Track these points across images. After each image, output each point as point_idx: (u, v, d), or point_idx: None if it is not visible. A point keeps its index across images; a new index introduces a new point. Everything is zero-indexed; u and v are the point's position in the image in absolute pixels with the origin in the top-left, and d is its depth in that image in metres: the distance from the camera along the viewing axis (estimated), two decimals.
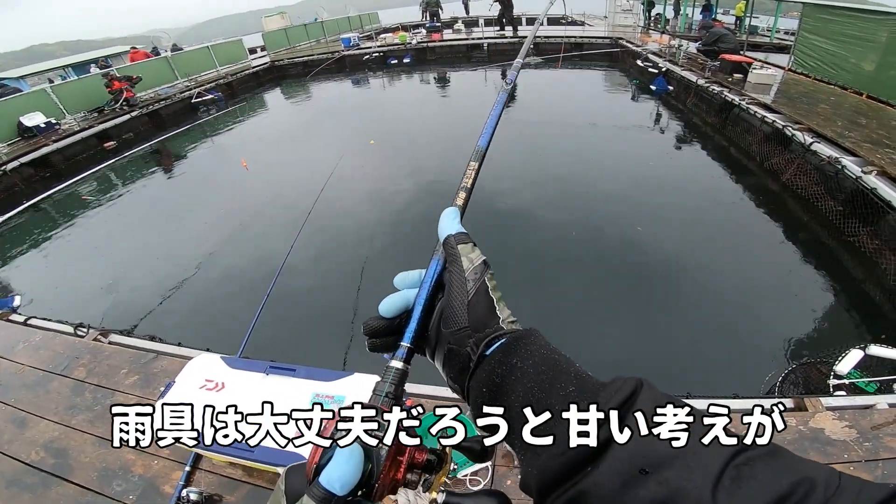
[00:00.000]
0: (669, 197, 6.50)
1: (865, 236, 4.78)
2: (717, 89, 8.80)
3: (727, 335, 3.99)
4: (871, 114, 6.94)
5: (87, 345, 3.54)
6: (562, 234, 5.64)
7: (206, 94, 14.16)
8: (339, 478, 0.34)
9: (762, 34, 17.41)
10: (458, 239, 0.48)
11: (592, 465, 0.31)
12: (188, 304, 4.99)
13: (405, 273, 0.50)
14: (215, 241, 6.14)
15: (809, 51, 9.69)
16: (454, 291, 0.44)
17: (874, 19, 7.91)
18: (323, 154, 8.94)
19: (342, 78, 17.17)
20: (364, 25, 26.63)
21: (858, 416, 2.38)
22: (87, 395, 3.08)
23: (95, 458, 2.63)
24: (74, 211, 7.99)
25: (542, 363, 0.37)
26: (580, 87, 14.22)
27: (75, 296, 5.36)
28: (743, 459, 0.29)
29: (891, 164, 4.88)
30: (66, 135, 10.52)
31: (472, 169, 0.55)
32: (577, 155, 8.14)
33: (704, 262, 5.01)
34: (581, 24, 21.93)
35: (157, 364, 3.21)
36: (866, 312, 4.27)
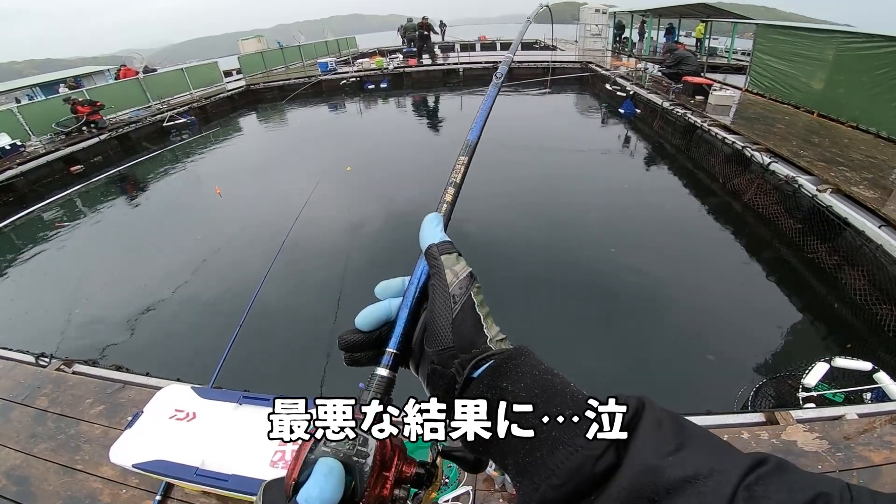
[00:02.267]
0: (639, 219, 6.69)
1: (825, 253, 5.01)
2: (680, 111, 9.20)
3: (698, 352, 4.08)
4: (822, 132, 7.37)
5: (50, 374, 3.40)
6: (533, 257, 5.71)
7: (178, 117, 13.97)
8: (319, 497, 0.31)
9: (720, 55, 18.40)
10: (440, 249, 0.44)
11: (596, 494, 0.29)
12: (158, 333, 4.84)
13: (387, 281, 0.47)
14: (186, 270, 5.99)
15: (764, 71, 10.24)
16: (437, 308, 0.41)
17: (821, 38, 8.42)
18: (298, 180, 8.91)
19: (318, 102, 17.25)
20: (342, 49, 26.97)
21: (829, 427, 2.45)
22: (50, 425, 2.97)
23: (60, 487, 2.53)
24: (38, 237, 7.70)
25: (535, 385, 0.35)
26: (551, 111, 14.61)
27: (37, 325, 5.13)
28: (753, 479, 0.27)
29: (844, 181, 5.17)
30: (31, 157, 10.19)
31: (462, 164, 0.52)
32: (549, 179, 8.33)
33: (673, 282, 5.13)
34: (553, 48, 22.72)
35: (123, 394, 3.10)
36: (830, 325, 4.45)
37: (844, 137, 7.08)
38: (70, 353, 3.99)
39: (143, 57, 16.15)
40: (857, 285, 4.48)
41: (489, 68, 18.38)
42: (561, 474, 0.30)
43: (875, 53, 7.20)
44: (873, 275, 4.34)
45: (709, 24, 17.33)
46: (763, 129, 7.42)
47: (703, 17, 17.06)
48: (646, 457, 0.29)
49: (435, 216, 0.48)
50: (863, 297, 4.37)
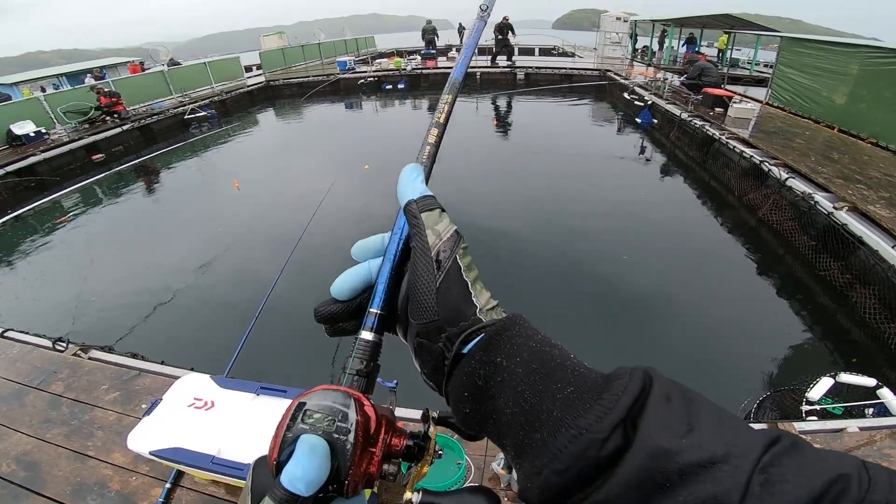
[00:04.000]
0: (652, 229, 6.67)
1: (837, 271, 4.96)
2: (699, 123, 9.13)
3: (705, 363, 4.08)
4: (843, 148, 7.27)
5: (66, 359, 3.47)
6: (546, 262, 5.73)
7: (199, 110, 14.21)
8: (303, 477, 0.30)
9: (742, 67, 18.18)
10: (421, 205, 0.40)
11: (603, 479, 0.27)
12: (173, 322, 4.94)
13: (364, 241, 0.44)
14: (202, 261, 6.11)
15: (786, 84, 10.13)
16: (419, 275, 0.37)
17: (846, 52, 8.31)
18: (316, 177, 9.05)
19: (336, 101, 17.39)
20: (360, 49, 27.18)
21: (830, 439, 2.45)
22: (64, 410, 3.02)
23: (70, 473, 2.57)
24: (58, 224, 7.90)
25: (532, 360, 0.33)
26: (568, 118, 14.59)
27: (55, 310, 5.26)
28: (768, 459, 0.26)
29: (861, 200, 5.12)
30: (55, 145, 10.47)
31: (446, 103, 0.48)
32: (564, 185, 8.34)
33: (685, 292, 5.13)
34: (572, 55, 22.67)
35: (139, 381, 3.17)
36: (838, 342, 4.41)
37: (864, 154, 6.98)
38: (86, 339, 4.10)
39: (167, 50, 16.46)
40: (867, 304, 4.44)
41: (507, 73, 18.41)
42: (564, 458, 0.28)
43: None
44: (884, 294, 4.29)
45: (732, 35, 17.15)
46: (782, 144, 7.35)
47: (726, 29, 16.87)
48: (656, 439, 0.27)
49: (414, 167, 0.44)
50: (872, 316, 4.33)
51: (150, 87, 14.57)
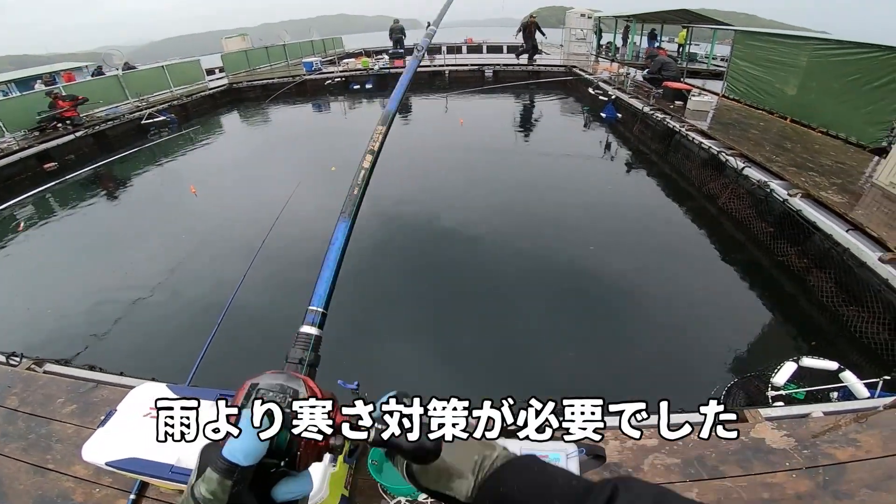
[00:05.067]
0: (618, 221, 6.79)
1: (794, 256, 5.15)
2: (660, 116, 9.36)
3: (672, 352, 4.17)
4: (795, 138, 7.57)
5: (20, 374, 3.34)
6: (514, 258, 5.76)
7: (157, 115, 13.71)
8: (242, 448, 0.32)
9: (700, 61, 18.75)
10: None
11: None
12: (132, 333, 4.76)
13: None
14: (160, 270, 5.90)
15: (740, 77, 10.48)
16: None
17: (795, 44, 8.65)
18: (280, 179, 8.84)
19: (302, 102, 17.09)
20: (328, 49, 26.78)
21: (796, 424, 2.50)
22: (21, 424, 2.92)
23: (30, 486, 2.49)
24: (7, 235, 7.50)
25: None
26: (536, 115, 14.73)
27: (5, 324, 5.01)
28: None
29: (814, 186, 5.33)
30: (3, 154, 9.97)
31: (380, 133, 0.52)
32: (530, 181, 8.41)
33: (648, 283, 5.22)
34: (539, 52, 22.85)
35: (97, 393, 3.06)
36: (799, 326, 4.57)
37: (816, 143, 7.29)
38: (41, 353, 3.89)
39: (122, 54, 15.81)
40: (824, 287, 4.61)
41: (475, 71, 18.48)
42: None
43: (846, 60, 7.45)
44: (840, 278, 4.47)
45: (690, 29, 17.65)
46: (738, 135, 7.59)
47: (684, 23, 17.36)
48: None
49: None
50: (830, 299, 4.50)
51: (105, 92, 13.94)
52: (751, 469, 2.24)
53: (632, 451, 2.34)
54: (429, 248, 6.03)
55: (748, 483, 2.18)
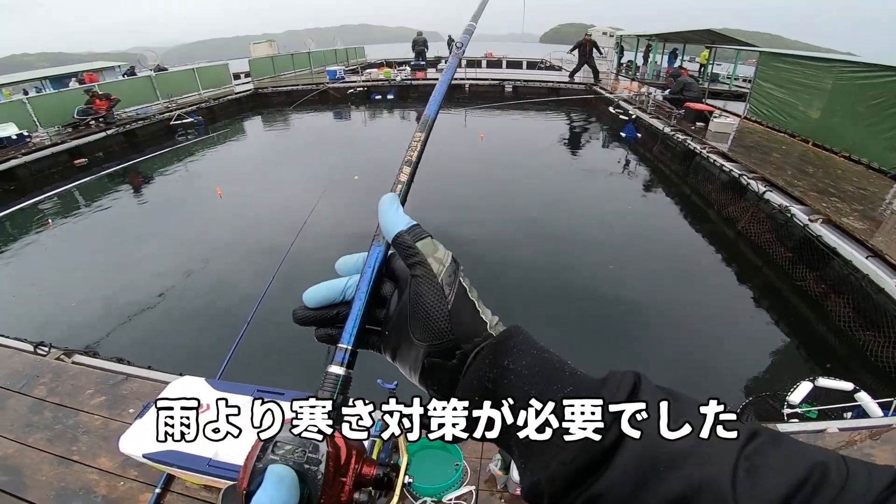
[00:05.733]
0: (636, 241, 6.81)
1: (812, 281, 5.13)
2: (681, 137, 9.36)
3: (688, 371, 4.18)
4: (817, 162, 7.54)
5: (49, 363, 3.40)
6: (533, 274, 5.81)
7: (186, 116, 14.08)
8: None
9: (722, 81, 18.68)
10: (413, 235, 0.41)
11: (605, 467, 0.29)
12: (159, 328, 4.89)
13: (347, 257, 0.46)
14: (188, 267, 6.07)
15: (763, 99, 10.41)
16: (429, 302, 0.38)
17: (821, 66, 8.56)
18: (305, 184, 9.07)
19: (325, 110, 17.41)
20: (350, 59, 27.31)
21: (811, 439, 2.52)
22: (47, 414, 2.95)
23: (53, 478, 2.51)
24: (38, 228, 7.78)
25: (536, 363, 0.35)
26: (555, 131, 14.79)
27: (34, 316, 5.16)
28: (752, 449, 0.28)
29: (835, 212, 5.32)
30: (36, 148, 10.31)
31: (418, 140, 0.49)
32: (549, 198, 8.46)
33: (667, 303, 5.24)
34: (558, 69, 23.05)
35: (126, 386, 3.11)
36: (814, 350, 4.56)
37: (838, 168, 7.25)
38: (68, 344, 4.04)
39: (156, 55, 16.36)
40: (842, 312, 4.60)
41: (495, 85, 18.67)
42: (571, 449, 0.30)
43: (872, 83, 7.38)
44: (858, 303, 4.45)
45: (713, 50, 17.65)
46: (760, 158, 7.58)
47: (707, 44, 17.36)
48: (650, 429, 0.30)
49: (392, 197, 0.44)
50: (847, 324, 4.48)
51: (137, 92, 14.42)
52: None
53: None
54: None
55: None
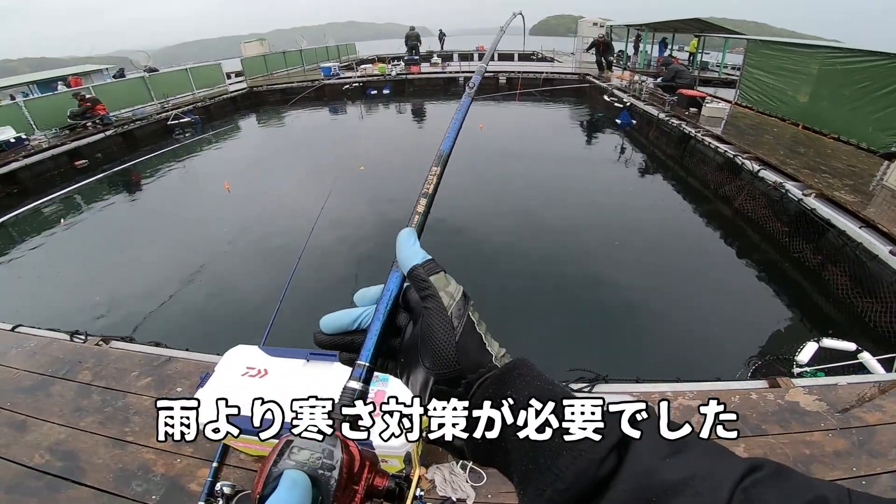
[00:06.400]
0: (637, 223, 7.01)
1: (809, 252, 5.36)
2: (675, 122, 9.59)
3: (699, 342, 4.39)
4: (808, 143, 7.80)
5: (90, 349, 3.46)
6: (534, 258, 5.96)
7: (182, 116, 14.12)
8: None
9: (712, 69, 18.96)
10: (427, 269, 0.43)
11: (599, 497, 0.30)
12: (188, 313, 5.06)
13: (365, 289, 0.48)
14: (204, 257, 6.23)
15: (753, 85, 10.68)
16: (438, 333, 0.40)
17: (807, 53, 8.84)
18: (312, 177, 9.24)
19: (320, 106, 17.52)
20: (342, 55, 27.30)
21: (825, 391, 2.69)
22: (96, 398, 2.98)
23: (109, 460, 2.51)
24: (45, 229, 7.85)
25: (538, 394, 0.36)
26: (551, 121, 14.99)
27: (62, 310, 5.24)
28: (750, 482, 0.28)
29: (827, 187, 5.56)
30: (35, 151, 10.32)
31: (434, 175, 0.51)
32: (547, 186, 8.64)
33: (671, 281, 5.44)
34: (551, 60, 23.23)
35: (170, 366, 3.18)
36: (815, 318, 4.77)
37: (827, 148, 7.51)
38: None
39: (147, 55, 16.32)
40: (839, 281, 4.83)
41: (489, 78, 18.81)
42: (566, 478, 0.31)
43: (856, 68, 7.67)
44: (854, 271, 4.69)
45: (701, 38, 17.91)
46: (752, 140, 7.82)
47: (696, 32, 17.61)
48: (645, 459, 0.30)
49: (410, 232, 0.46)
50: (844, 292, 4.72)
51: (131, 94, 14.45)
52: (790, 428, 2.45)
53: (680, 410, 2.57)
54: (451, 249, 6.15)
55: (790, 441, 2.38)
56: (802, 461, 2.27)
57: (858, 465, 2.24)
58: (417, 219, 0.48)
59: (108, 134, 12.02)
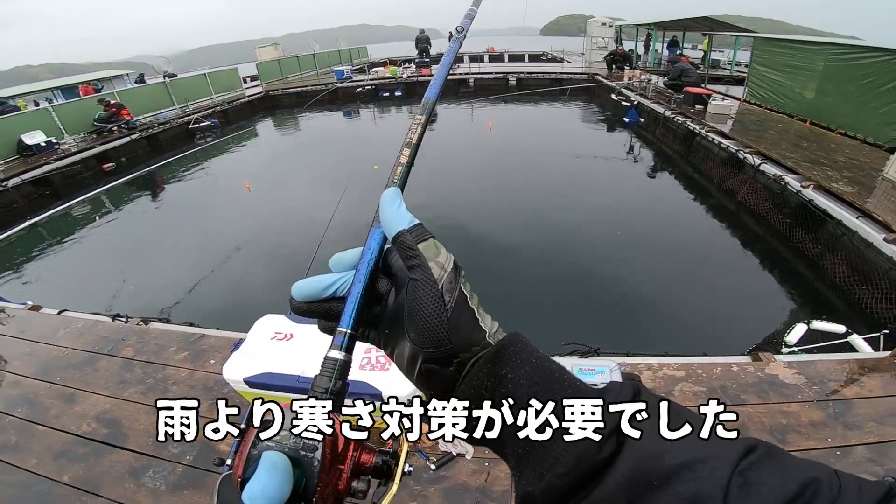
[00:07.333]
0: (643, 217, 7.22)
1: (809, 242, 5.54)
2: (681, 120, 9.77)
3: (701, 327, 4.62)
4: (812, 138, 7.93)
5: (132, 328, 3.77)
6: (537, 256, 6.14)
7: (203, 120, 14.60)
8: (263, 494, 0.30)
9: (723, 67, 18.93)
10: (415, 236, 0.40)
11: (598, 481, 0.29)
12: (216, 297, 5.47)
13: (341, 254, 0.44)
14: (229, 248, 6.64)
15: (760, 82, 10.78)
16: (427, 308, 0.37)
17: (812, 49, 8.97)
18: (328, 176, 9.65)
19: (334, 109, 17.92)
20: (353, 59, 27.75)
21: (805, 366, 2.84)
22: (138, 371, 3.25)
23: (150, 426, 2.73)
24: (80, 226, 8.33)
25: (535, 373, 0.35)
26: (560, 120, 15.17)
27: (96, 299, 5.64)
28: (746, 464, 0.28)
29: (825, 179, 5.73)
30: (65, 154, 10.82)
31: (419, 123, 0.48)
32: (559, 183, 8.87)
33: (675, 272, 5.64)
34: (560, 60, 23.33)
35: (203, 342, 3.48)
36: (815, 305, 4.94)
37: (832, 143, 7.63)
38: None
39: (168, 61, 16.90)
40: (837, 270, 5.01)
41: (499, 78, 19.06)
42: (566, 462, 0.30)
43: (860, 63, 7.78)
44: (851, 259, 4.86)
45: (711, 37, 17.92)
46: (756, 136, 7.97)
47: (706, 31, 17.62)
48: (645, 443, 0.30)
49: (395, 192, 0.43)
50: (843, 280, 4.90)
51: (153, 99, 14.98)
52: (768, 399, 2.58)
53: (662, 379, 2.78)
54: (464, 248, 6.29)
55: (767, 410, 2.51)
56: (779, 430, 2.39)
57: (834, 437, 2.34)
58: (400, 170, 0.46)
59: (133, 138, 12.53)
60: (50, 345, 3.70)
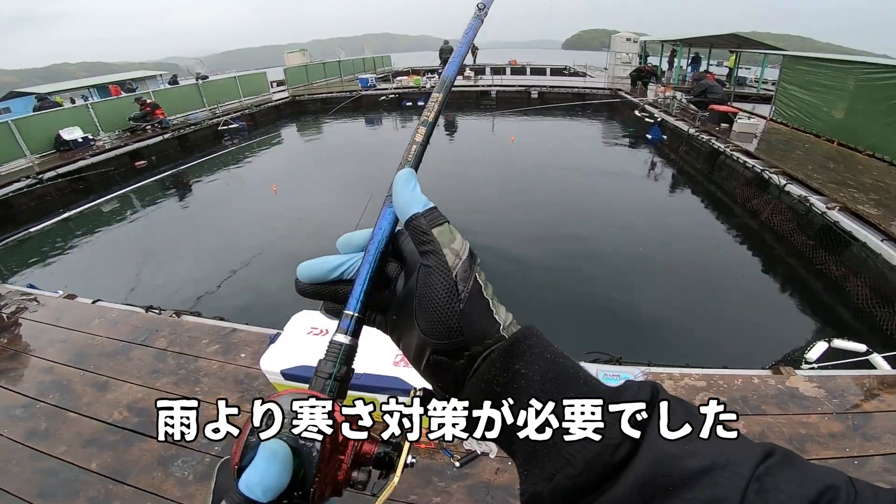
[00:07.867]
0: (665, 234, 7.22)
1: (832, 264, 5.49)
2: (705, 138, 9.72)
3: (721, 343, 4.62)
4: (839, 159, 7.84)
5: (166, 320, 3.89)
6: (559, 267, 6.20)
7: (231, 122, 14.94)
8: (261, 483, 0.29)
9: (750, 85, 18.70)
10: (430, 220, 0.38)
11: (611, 483, 0.28)
12: (245, 293, 5.62)
13: (349, 235, 0.43)
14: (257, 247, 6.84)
15: (788, 101, 10.63)
16: (439, 296, 0.36)
17: (843, 68, 8.82)
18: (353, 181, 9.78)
19: (358, 116, 18.25)
20: (377, 67, 28.20)
21: (825, 380, 2.88)
22: (171, 361, 3.31)
23: None
24: (113, 222, 8.66)
25: (549, 369, 0.33)
26: (582, 135, 15.20)
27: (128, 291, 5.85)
28: (764, 469, 0.27)
29: (851, 201, 5.69)
30: (100, 151, 11.20)
31: (436, 101, 0.47)
32: (580, 198, 8.93)
33: (697, 290, 5.64)
34: (583, 75, 23.37)
35: (235, 336, 3.58)
36: (836, 327, 4.87)
37: (859, 164, 7.54)
38: None
39: (202, 62, 17.45)
40: (860, 292, 4.96)
41: (521, 91, 19.19)
42: (577, 463, 0.29)
43: (893, 83, 7.64)
44: (875, 282, 4.82)
45: (738, 54, 17.78)
46: (782, 155, 7.92)
47: (733, 48, 17.50)
48: (662, 446, 0.29)
49: (409, 173, 0.42)
50: (865, 302, 4.85)
51: (186, 99, 15.45)
52: (788, 410, 2.63)
53: (684, 389, 2.83)
54: (484, 255, 6.50)
55: (787, 420, 2.55)
56: (798, 439, 2.46)
57: (852, 447, 2.38)
58: (415, 149, 0.44)
59: (165, 137, 12.91)
60: (85, 332, 3.81)
